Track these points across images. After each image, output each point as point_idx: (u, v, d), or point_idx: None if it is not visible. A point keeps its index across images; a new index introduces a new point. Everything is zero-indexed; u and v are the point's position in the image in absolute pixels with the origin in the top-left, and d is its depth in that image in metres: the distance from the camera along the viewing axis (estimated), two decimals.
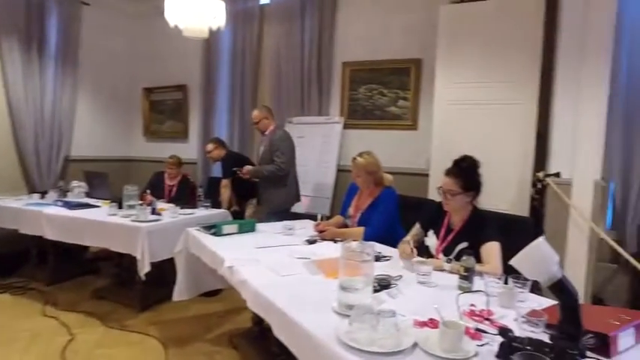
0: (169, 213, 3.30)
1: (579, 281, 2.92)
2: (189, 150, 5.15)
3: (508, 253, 1.81)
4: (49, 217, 3.40)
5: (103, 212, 3.38)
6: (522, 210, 3.15)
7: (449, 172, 2.14)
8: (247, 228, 2.74)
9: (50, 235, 3.38)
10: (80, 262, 4.24)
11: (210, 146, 4.12)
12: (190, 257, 2.75)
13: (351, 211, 2.83)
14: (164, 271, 3.09)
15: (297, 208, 3.94)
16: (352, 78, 4.28)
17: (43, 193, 4.08)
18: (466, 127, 3.41)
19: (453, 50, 3.45)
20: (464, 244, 2.05)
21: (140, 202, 3.38)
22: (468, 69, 3.39)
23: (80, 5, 5.05)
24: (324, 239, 2.57)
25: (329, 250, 2.32)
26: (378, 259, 2.10)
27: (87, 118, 5.28)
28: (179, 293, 2.78)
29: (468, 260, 1.68)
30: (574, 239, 2.94)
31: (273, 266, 1.94)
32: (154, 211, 3.26)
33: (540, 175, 3.06)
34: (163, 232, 3.04)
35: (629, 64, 3.24)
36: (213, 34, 4.83)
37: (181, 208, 3.41)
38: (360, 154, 2.72)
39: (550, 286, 1.01)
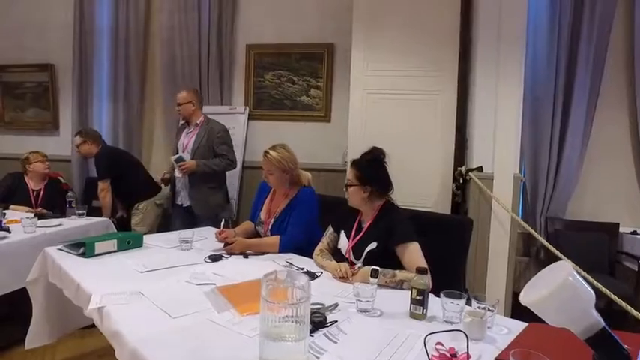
0: (25, 226, 2.52)
1: (502, 275, 2.85)
2: (61, 144, 4.23)
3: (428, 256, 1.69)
4: None
5: None
6: (445, 206, 2.99)
7: (352, 164, 1.97)
8: (131, 243, 2.14)
9: None
10: None
11: (77, 140, 3.36)
12: (51, 287, 2.08)
13: (262, 216, 2.38)
14: (16, 304, 2.34)
15: None
16: (257, 63, 3.80)
17: None
18: (385, 119, 3.16)
19: (370, 34, 3.16)
20: (373, 245, 1.84)
21: None
22: (386, 55, 3.12)
23: None
24: (231, 253, 2.09)
25: (238, 268, 1.85)
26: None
27: None
28: (36, 337, 2.10)
29: (420, 279, 1.34)
30: (496, 234, 2.85)
31: (161, 302, 1.42)
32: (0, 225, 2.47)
33: (462, 169, 2.91)
34: (12, 254, 2.29)
35: (533, 60, 3.27)
36: (87, 3, 4.04)
37: (40, 218, 2.65)
38: (273, 148, 2.27)
39: (588, 339, 0.68)
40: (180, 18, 3.87)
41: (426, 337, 1.10)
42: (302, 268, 1.87)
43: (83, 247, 2.00)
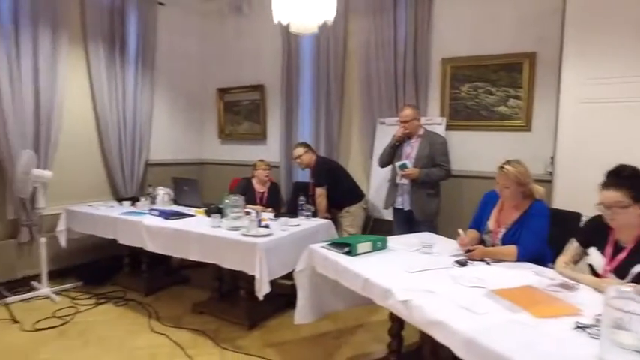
0: (277, 225, 3.09)
1: None
2: (267, 153, 4.95)
3: None
4: (149, 228, 3.27)
5: (203, 223, 3.21)
6: None
7: (608, 185, 1.89)
8: (380, 246, 2.49)
9: (152, 247, 3.25)
10: (169, 270, 4.13)
11: (299, 150, 3.89)
12: (314, 277, 2.54)
13: (491, 225, 2.53)
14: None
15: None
16: (453, 76, 3.94)
17: (133, 200, 3.99)
18: (602, 129, 3.03)
19: (586, 39, 3.07)
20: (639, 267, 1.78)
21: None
22: (607, 61, 3.00)
23: (156, 5, 4.93)
24: (471, 259, 2.28)
25: (490, 274, 2.03)
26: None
27: (162, 121, 5.17)
28: (302, 316, 2.57)
29: None
30: None
31: (458, 300, 1.67)
32: (259, 223, 3.06)
33: None
34: (279, 247, 2.83)
35: None
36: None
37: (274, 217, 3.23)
38: (508, 162, 2.40)
39: None
40: (377, 36, 4.21)
41: None
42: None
43: (347, 247, 2.39)
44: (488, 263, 2.24)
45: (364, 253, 2.39)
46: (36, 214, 3.81)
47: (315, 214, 3.57)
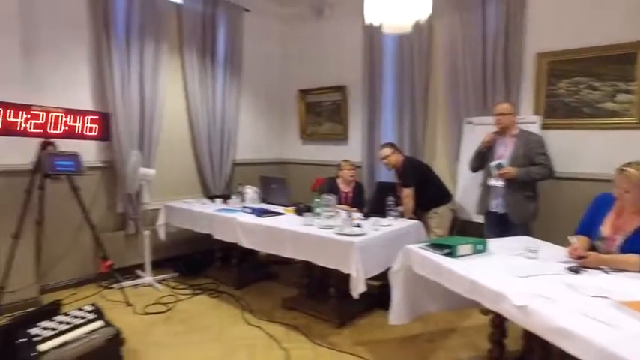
0: (369, 225, 3.10)
1: None
2: (348, 153, 4.97)
3: None
4: (243, 225, 3.43)
5: (294, 221, 3.32)
6: None
7: None
8: (480, 248, 2.41)
9: (246, 243, 3.41)
10: (257, 265, 4.31)
11: (387, 151, 3.87)
12: (409, 277, 2.52)
13: (605, 231, 2.34)
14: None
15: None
16: (550, 71, 3.70)
17: (224, 198, 4.21)
18: None
19: None
20: None
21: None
22: None
23: (243, 13, 5.17)
24: (584, 266, 2.13)
25: (613, 284, 1.89)
26: None
27: (246, 122, 5.40)
28: (397, 316, 2.56)
29: None
30: None
31: (584, 310, 1.57)
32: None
33: None
34: (373, 246, 2.85)
35: None
36: (376, 30, 4.62)
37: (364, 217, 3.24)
38: (629, 164, 2.21)
39: None
40: (464, 32, 4.08)
41: None
42: None
43: (446, 249, 2.35)
44: (606, 272, 2.09)
45: (465, 255, 2.33)
46: (140, 208, 4.16)
47: (401, 215, 3.54)
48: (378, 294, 3.24)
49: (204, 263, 4.32)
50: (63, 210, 3.65)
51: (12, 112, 2.95)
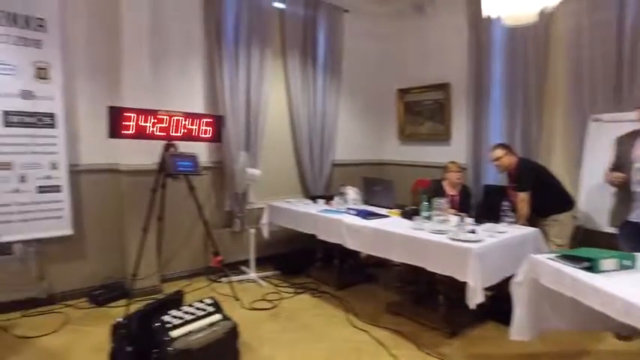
0: (483, 231, 2.91)
1: None
2: (451, 154, 4.73)
3: None
4: (349, 226, 3.41)
5: (401, 224, 3.22)
6: None
7: None
8: (628, 264, 2.11)
9: (351, 245, 3.38)
10: (357, 267, 4.27)
11: (499, 152, 3.59)
12: (536, 290, 2.29)
13: None
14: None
15: None
16: None
17: (327, 198, 4.23)
18: None
19: None
20: None
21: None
22: None
23: (343, 13, 5.17)
24: None
25: None
26: None
27: (345, 122, 5.40)
28: (519, 331, 2.34)
29: None
30: None
31: None
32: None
33: None
34: (491, 254, 2.66)
35: None
36: (483, 23, 4.33)
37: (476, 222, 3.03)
38: None
39: None
40: (592, 17, 3.66)
41: None
42: None
43: (585, 262, 2.09)
44: None
45: (608, 271, 2.05)
46: (246, 207, 4.34)
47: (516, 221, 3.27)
48: (491, 305, 3.02)
49: (305, 263, 4.39)
50: (179, 207, 3.94)
51: (143, 117, 3.23)
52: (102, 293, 3.63)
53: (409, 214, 3.34)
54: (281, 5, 4.66)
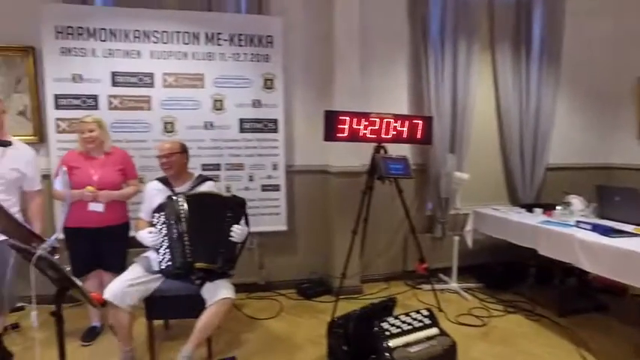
0: None
1: None
2: None
3: None
4: (585, 244, 2.84)
5: None
6: None
7: None
8: None
9: (588, 266, 2.81)
10: (584, 291, 3.59)
11: None
12: None
13: None
14: None
15: None
16: None
17: (546, 208, 3.67)
18: None
19: None
20: None
21: None
22: None
23: None
24: None
25: None
26: None
27: (563, 119, 4.63)
28: None
29: None
30: None
31: None
32: None
33: None
34: None
35: None
36: None
37: None
38: None
39: None
40: None
41: None
42: None
43: None
44: None
45: None
46: (448, 212, 4.10)
47: None
48: None
49: (513, 278, 3.92)
50: (382, 210, 3.93)
51: (356, 120, 3.29)
52: (309, 287, 3.88)
53: None
54: None
